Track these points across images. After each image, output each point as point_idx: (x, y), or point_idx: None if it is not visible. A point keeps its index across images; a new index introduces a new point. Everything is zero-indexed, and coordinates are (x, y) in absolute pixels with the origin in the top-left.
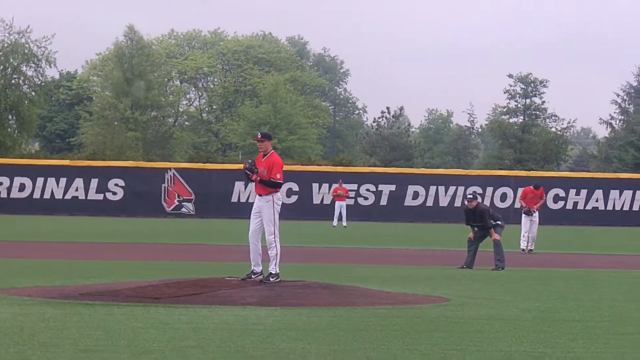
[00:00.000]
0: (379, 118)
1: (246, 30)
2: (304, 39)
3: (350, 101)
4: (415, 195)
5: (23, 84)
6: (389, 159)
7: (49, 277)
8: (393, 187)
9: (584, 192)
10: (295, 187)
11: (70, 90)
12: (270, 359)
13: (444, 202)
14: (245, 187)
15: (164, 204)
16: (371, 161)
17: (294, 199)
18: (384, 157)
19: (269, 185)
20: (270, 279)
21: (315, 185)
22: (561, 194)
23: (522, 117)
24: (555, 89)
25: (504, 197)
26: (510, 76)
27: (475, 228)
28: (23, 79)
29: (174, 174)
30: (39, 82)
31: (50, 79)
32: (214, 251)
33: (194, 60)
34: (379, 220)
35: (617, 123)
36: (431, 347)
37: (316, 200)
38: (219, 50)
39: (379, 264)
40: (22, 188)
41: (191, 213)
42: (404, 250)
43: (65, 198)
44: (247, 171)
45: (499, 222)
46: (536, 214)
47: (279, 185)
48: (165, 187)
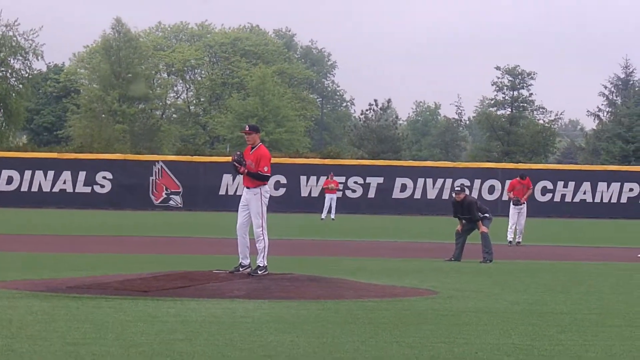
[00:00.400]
0: (367, 110)
1: (233, 22)
2: (292, 31)
3: (338, 93)
4: (403, 187)
5: (10, 76)
6: (376, 151)
7: (37, 270)
8: (381, 180)
9: (571, 185)
10: (283, 180)
11: (58, 83)
12: (259, 351)
13: (431, 195)
14: (233, 180)
15: (152, 197)
16: (359, 154)
17: (281, 191)
18: (371, 150)
19: (256, 178)
20: (258, 272)
21: (303, 178)
22: (549, 186)
23: (510, 110)
24: (543, 81)
25: (491, 190)
26: (497, 68)
27: (463, 220)
28: (10, 71)
29: (161, 167)
30: (27, 75)
31: (37, 72)
32: (202, 244)
33: (181, 53)
34: (366, 212)
35: (605, 115)
36: (419, 340)
37: (304, 192)
38: (206, 43)
39: (367, 256)
40: (10, 181)
41: (179, 206)
42: (392, 242)
43: (53, 191)
44: (236, 163)
45: (486, 215)
46: (524, 206)
47: (267, 178)
48: (153, 180)
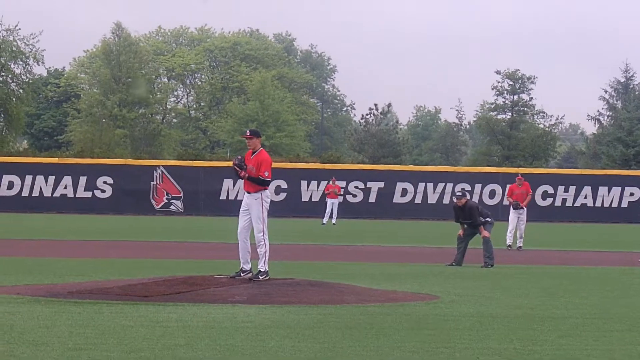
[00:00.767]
0: (367, 115)
1: (233, 27)
2: (291, 35)
3: (338, 98)
4: (404, 192)
5: (11, 81)
6: (377, 156)
7: (38, 275)
8: (381, 185)
9: (572, 189)
10: (283, 185)
11: (58, 88)
12: (260, 357)
13: (432, 199)
14: (234, 185)
15: (153, 202)
16: (359, 158)
17: (282, 196)
18: (372, 154)
19: (257, 183)
20: (260, 277)
21: (303, 183)
22: (550, 190)
23: (510, 114)
24: (543, 85)
25: (492, 194)
26: (498, 72)
27: (465, 225)
28: (11, 76)
29: (162, 172)
30: (27, 80)
31: (38, 77)
32: (203, 249)
33: (181, 57)
34: (367, 217)
35: (605, 119)
36: (420, 345)
37: (305, 197)
38: (206, 47)
39: (367, 261)
40: (11, 186)
41: (180, 211)
42: (393, 247)
43: (53, 196)
44: (237, 167)
45: (488, 219)
46: (524, 211)
47: (268, 182)
48: (153, 185)
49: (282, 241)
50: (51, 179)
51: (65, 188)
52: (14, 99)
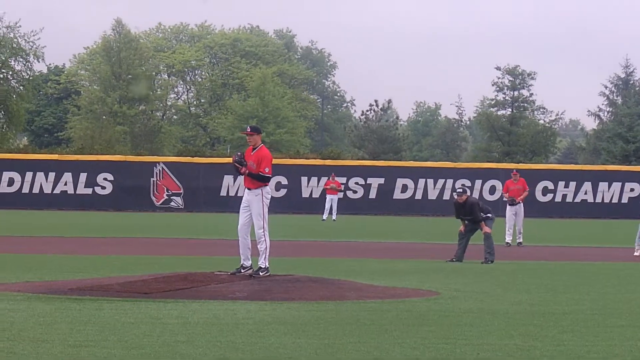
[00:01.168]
0: (367, 111)
1: (233, 23)
2: (292, 32)
3: (338, 94)
4: (404, 188)
5: (11, 78)
6: (377, 152)
7: (39, 272)
8: (382, 181)
9: (572, 185)
10: (284, 181)
11: (59, 85)
12: (260, 353)
13: (432, 195)
14: (234, 181)
15: (153, 198)
16: (359, 154)
17: (282, 192)
18: (372, 150)
19: (258, 179)
20: (260, 273)
21: (304, 179)
22: (550, 186)
23: (510, 110)
24: (544, 81)
25: (492, 190)
26: (498, 68)
27: (466, 221)
28: (11, 73)
29: (162, 168)
30: (27, 77)
31: (38, 74)
32: (203, 245)
33: (181, 54)
34: (368, 213)
35: (605, 115)
36: (421, 341)
37: (305, 193)
38: (207, 44)
39: (368, 257)
40: (11, 183)
41: (180, 207)
42: (393, 243)
43: (54, 193)
44: (237, 164)
45: (489, 215)
46: (521, 206)
47: (268, 179)
48: (154, 182)
49: (283, 237)
50: (51, 175)
51: (65, 185)
52: (14, 96)
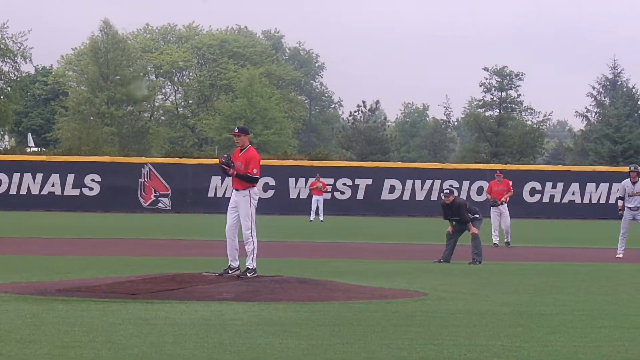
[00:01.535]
0: (355, 112)
1: (221, 24)
2: (280, 32)
3: (326, 95)
4: (392, 189)
5: None
6: (365, 153)
7: (26, 273)
8: (369, 181)
9: (560, 185)
10: (271, 182)
11: (46, 86)
12: (248, 354)
13: (420, 196)
14: (222, 182)
15: (141, 199)
16: (347, 155)
17: (270, 193)
18: (360, 151)
19: (246, 180)
20: (247, 274)
21: (291, 180)
22: (537, 187)
23: (498, 110)
24: (531, 82)
25: (480, 191)
26: (485, 69)
27: (454, 222)
28: None
29: (150, 169)
30: (15, 78)
31: (26, 75)
32: (191, 246)
33: (169, 55)
34: (355, 214)
35: (593, 116)
36: (408, 342)
37: (293, 194)
38: (194, 45)
39: (355, 258)
40: None
41: (168, 208)
42: (381, 244)
43: (41, 194)
44: (224, 165)
45: (476, 216)
46: (505, 207)
47: (256, 180)
48: (141, 182)
49: (270, 238)
50: (39, 176)
51: (53, 186)
52: (2, 97)
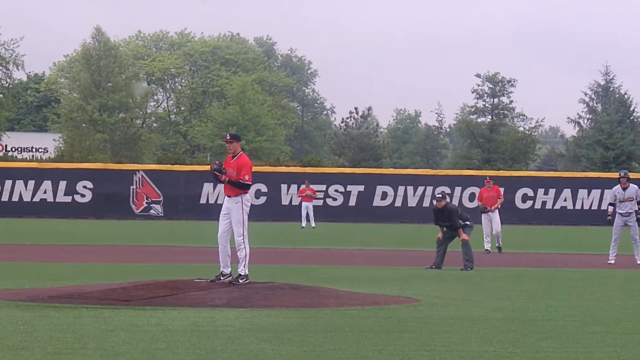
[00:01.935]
0: (347, 118)
1: (213, 31)
2: (272, 39)
3: (318, 102)
4: (384, 195)
5: None
6: (357, 159)
7: (18, 280)
8: (361, 188)
9: (552, 192)
10: (264, 188)
11: (38, 93)
12: None
13: (412, 203)
14: (214, 189)
15: (133, 206)
16: (339, 162)
17: (262, 200)
18: (352, 158)
19: (238, 187)
20: (240, 281)
21: (283, 187)
22: (529, 193)
23: (490, 117)
24: (523, 88)
25: (472, 197)
26: (478, 76)
27: (444, 228)
28: None
29: (142, 176)
30: (7, 85)
31: (18, 82)
32: (183, 253)
33: (161, 62)
34: (347, 220)
35: (585, 122)
36: (400, 348)
37: (285, 201)
38: (186, 52)
39: (348, 264)
40: None
41: (160, 215)
42: (373, 250)
43: (33, 201)
44: (216, 172)
45: (467, 222)
46: (495, 213)
47: (248, 186)
48: (133, 189)
49: (262, 245)
50: (31, 183)
51: (45, 193)
52: None
